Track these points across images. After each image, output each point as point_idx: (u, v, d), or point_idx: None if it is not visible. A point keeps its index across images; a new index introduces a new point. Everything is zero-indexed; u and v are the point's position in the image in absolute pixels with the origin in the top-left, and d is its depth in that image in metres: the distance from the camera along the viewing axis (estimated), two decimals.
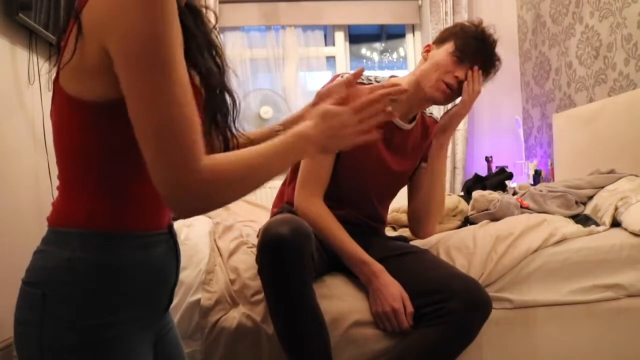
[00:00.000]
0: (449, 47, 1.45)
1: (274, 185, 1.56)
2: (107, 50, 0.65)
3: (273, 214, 1.58)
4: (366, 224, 1.59)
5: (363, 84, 1.46)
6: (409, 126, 1.55)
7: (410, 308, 1.33)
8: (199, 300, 1.45)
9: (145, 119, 0.64)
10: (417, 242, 1.68)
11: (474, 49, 1.44)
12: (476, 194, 2.12)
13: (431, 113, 1.67)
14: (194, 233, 1.76)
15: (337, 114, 0.83)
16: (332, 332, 1.37)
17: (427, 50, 1.52)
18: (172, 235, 0.85)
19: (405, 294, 1.35)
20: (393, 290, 1.34)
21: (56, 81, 0.74)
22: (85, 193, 0.74)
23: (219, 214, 2.30)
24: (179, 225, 1.93)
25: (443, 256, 1.56)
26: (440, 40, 1.50)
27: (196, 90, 0.74)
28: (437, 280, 1.33)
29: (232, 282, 1.46)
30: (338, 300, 1.42)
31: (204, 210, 0.71)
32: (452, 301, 1.27)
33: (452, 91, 1.46)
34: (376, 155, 1.52)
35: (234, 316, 1.37)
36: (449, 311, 1.27)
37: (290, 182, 1.59)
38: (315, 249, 1.40)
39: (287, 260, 1.20)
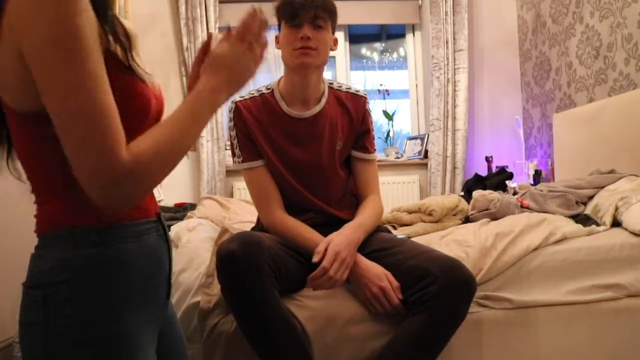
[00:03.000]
0: (283, 23, 1.52)
1: None
2: (21, 51, 0.65)
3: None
4: (338, 220, 1.58)
5: (253, 96, 1.59)
6: (311, 112, 1.55)
7: (395, 283, 1.36)
8: (198, 303, 1.45)
9: (63, 111, 0.64)
10: (417, 239, 1.68)
11: (297, 11, 1.47)
12: (476, 193, 2.13)
13: (340, 85, 1.63)
14: (195, 237, 1.76)
15: (225, 54, 0.82)
16: (329, 331, 1.37)
17: (277, 40, 1.58)
18: (160, 223, 0.85)
19: (388, 272, 1.37)
20: (376, 271, 1.37)
21: None
22: (63, 199, 0.75)
23: (224, 217, 2.29)
24: (181, 229, 1.92)
25: (442, 249, 1.55)
26: (278, 28, 1.56)
27: (150, 93, 0.77)
28: (418, 267, 1.34)
29: None
30: (330, 299, 1.42)
31: (132, 198, 0.69)
32: (434, 285, 1.28)
33: (311, 49, 1.47)
34: (283, 153, 1.54)
35: (232, 319, 1.37)
36: (432, 295, 1.28)
37: None
38: (294, 258, 1.42)
39: (243, 272, 1.23)
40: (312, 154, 1.54)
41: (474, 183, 2.65)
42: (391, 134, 4.06)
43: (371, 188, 1.62)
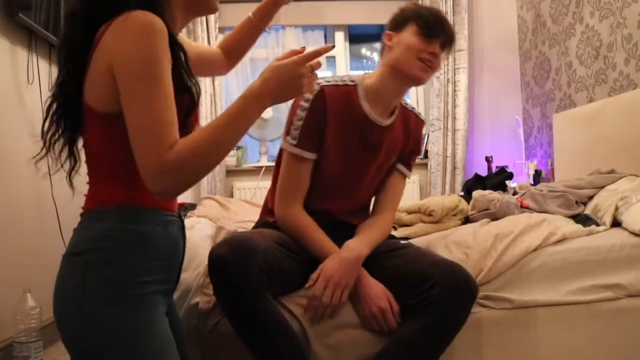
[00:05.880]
0: (412, 29, 1.46)
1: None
2: (112, 69, 0.86)
3: (253, 227, 1.62)
4: (345, 224, 1.57)
5: (337, 85, 1.49)
6: (387, 122, 1.53)
7: (396, 306, 1.34)
8: (198, 303, 1.45)
9: (133, 118, 0.85)
10: (416, 241, 1.68)
11: (436, 26, 1.45)
12: (476, 193, 2.13)
13: (406, 103, 1.62)
14: (194, 236, 1.76)
15: (284, 67, 0.93)
16: (329, 333, 1.36)
17: (389, 38, 1.51)
18: (181, 219, 1.04)
19: (389, 293, 1.36)
20: (377, 291, 1.36)
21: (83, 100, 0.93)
22: (116, 182, 0.93)
23: (222, 215, 2.29)
24: None
25: (442, 251, 1.55)
26: (397, 26, 1.50)
27: (191, 102, 0.95)
28: (419, 271, 1.33)
29: None
30: None
31: (179, 188, 0.86)
32: (435, 289, 1.27)
33: (431, 68, 1.46)
34: (354, 158, 1.51)
35: None
36: (433, 299, 1.27)
37: (273, 190, 1.59)
38: (292, 259, 1.39)
39: (234, 277, 1.20)
40: (369, 161, 1.53)
41: (474, 183, 2.65)
42: None
43: (392, 204, 1.61)
